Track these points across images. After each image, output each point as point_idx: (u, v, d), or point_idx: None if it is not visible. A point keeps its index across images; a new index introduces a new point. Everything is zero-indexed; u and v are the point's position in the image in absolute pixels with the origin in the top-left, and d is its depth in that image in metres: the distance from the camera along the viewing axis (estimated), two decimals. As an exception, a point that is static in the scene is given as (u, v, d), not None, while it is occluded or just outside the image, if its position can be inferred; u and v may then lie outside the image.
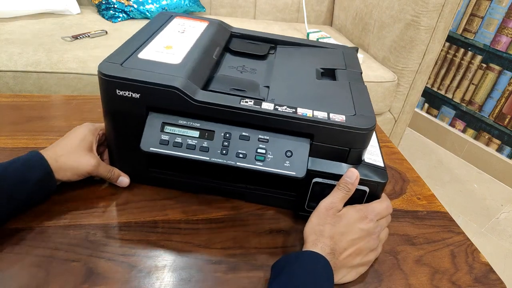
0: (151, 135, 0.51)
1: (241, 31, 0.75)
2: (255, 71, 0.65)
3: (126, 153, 0.57)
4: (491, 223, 1.60)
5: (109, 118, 0.54)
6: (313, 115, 0.50)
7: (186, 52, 0.57)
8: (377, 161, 0.55)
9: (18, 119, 0.71)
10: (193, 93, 0.50)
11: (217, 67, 0.64)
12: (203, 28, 0.68)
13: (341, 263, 0.47)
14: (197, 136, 0.51)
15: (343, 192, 0.50)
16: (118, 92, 0.50)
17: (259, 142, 0.51)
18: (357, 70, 0.65)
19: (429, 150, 2.01)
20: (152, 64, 0.53)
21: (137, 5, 1.48)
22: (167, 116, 0.52)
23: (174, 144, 0.51)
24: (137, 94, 0.50)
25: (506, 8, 1.67)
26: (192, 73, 0.52)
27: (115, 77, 0.49)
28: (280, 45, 0.74)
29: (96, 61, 1.13)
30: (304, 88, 0.59)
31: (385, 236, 0.53)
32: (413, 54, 1.37)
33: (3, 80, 1.07)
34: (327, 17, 1.83)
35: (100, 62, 0.51)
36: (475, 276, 0.54)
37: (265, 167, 0.51)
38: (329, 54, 0.71)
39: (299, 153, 0.51)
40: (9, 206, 0.49)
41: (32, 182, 0.50)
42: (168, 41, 0.60)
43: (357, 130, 0.50)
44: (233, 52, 0.70)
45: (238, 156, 0.51)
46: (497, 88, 1.77)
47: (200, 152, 0.51)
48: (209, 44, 0.62)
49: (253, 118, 0.50)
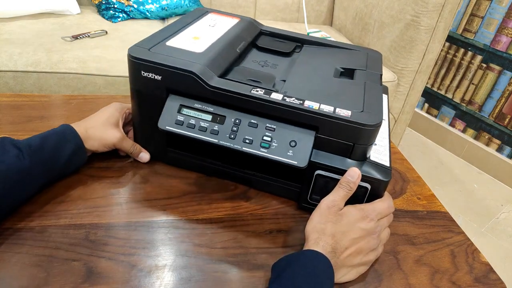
0: (168, 115, 0.56)
1: (270, 29, 0.78)
2: (276, 66, 0.67)
3: (147, 130, 0.62)
4: (491, 223, 1.60)
5: (134, 97, 0.60)
6: (319, 108, 0.52)
7: (210, 43, 0.62)
8: (383, 160, 0.56)
9: (19, 119, 0.71)
10: (208, 79, 0.54)
11: (241, 60, 0.67)
12: (233, 23, 0.71)
13: (342, 262, 0.47)
14: (209, 119, 0.55)
15: (345, 190, 0.50)
16: (143, 73, 0.55)
17: (266, 130, 0.54)
18: (377, 72, 0.65)
19: (429, 150, 2.01)
20: (176, 51, 0.57)
21: (137, 5, 1.48)
22: (184, 99, 0.56)
23: (187, 125, 0.55)
24: (159, 76, 0.55)
25: (506, 8, 1.67)
26: (211, 62, 0.57)
27: (141, 60, 0.54)
28: (307, 44, 0.75)
29: (96, 61, 1.13)
30: (318, 84, 0.60)
31: (386, 236, 0.53)
32: (413, 54, 1.37)
33: (3, 80, 1.07)
34: (327, 17, 1.83)
35: (129, 47, 0.58)
36: (475, 276, 0.54)
37: (269, 154, 0.53)
38: (353, 55, 0.72)
39: (303, 144, 0.53)
40: (46, 175, 0.54)
41: (67, 153, 0.55)
42: (197, 32, 0.65)
43: (361, 126, 0.50)
44: (259, 48, 0.73)
45: (245, 141, 0.54)
46: (497, 88, 1.77)
47: (210, 134, 0.54)
48: (235, 38, 0.66)
49: (262, 106, 0.53)
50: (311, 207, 0.57)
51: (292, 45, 0.74)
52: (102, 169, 0.63)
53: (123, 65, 1.14)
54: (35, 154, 0.52)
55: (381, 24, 1.44)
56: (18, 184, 0.50)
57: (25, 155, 0.51)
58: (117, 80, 1.13)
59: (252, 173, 0.61)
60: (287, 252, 0.53)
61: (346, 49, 0.74)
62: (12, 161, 0.49)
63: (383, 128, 0.63)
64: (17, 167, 0.50)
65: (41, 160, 0.53)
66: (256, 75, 0.60)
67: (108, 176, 0.62)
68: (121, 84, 1.14)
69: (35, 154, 0.52)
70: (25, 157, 0.51)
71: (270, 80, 0.59)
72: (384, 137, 0.61)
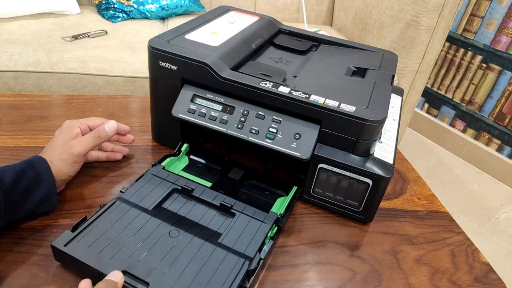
0: (182, 104, 0.59)
1: (289, 28, 0.79)
2: (290, 63, 0.69)
3: (162, 117, 0.65)
4: (491, 223, 1.60)
5: (152, 85, 0.63)
6: (324, 102, 0.53)
7: (227, 38, 0.64)
8: (387, 158, 0.56)
9: (19, 119, 0.71)
10: (220, 70, 0.56)
11: (257, 55, 0.69)
12: (252, 21, 0.74)
13: None
14: (219, 109, 0.58)
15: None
16: (160, 63, 0.59)
17: (272, 122, 0.56)
18: (389, 72, 0.66)
19: (429, 150, 2.01)
20: (193, 44, 0.61)
21: (137, 5, 1.48)
22: (198, 89, 0.59)
23: (199, 114, 0.58)
24: (175, 67, 0.58)
25: (506, 8, 1.67)
26: (225, 55, 0.59)
27: (159, 50, 0.58)
28: (324, 44, 0.76)
29: (96, 61, 1.13)
30: (328, 81, 0.61)
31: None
32: (413, 54, 1.37)
33: (3, 80, 1.07)
34: (327, 17, 1.83)
35: (150, 38, 0.61)
36: (475, 276, 0.54)
37: (273, 145, 0.55)
38: (367, 55, 0.72)
39: (307, 137, 0.54)
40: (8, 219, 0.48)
41: (37, 199, 0.50)
42: (216, 28, 0.68)
43: (364, 121, 0.51)
44: (276, 45, 0.75)
45: (251, 131, 0.56)
46: (497, 88, 1.77)
47: (219, 123, 0.57)
48: (252, 35, 0.68)
49: (269, 99, 0.55)
50: (313, 200, 0.60)
51: (309, 44, 0.75)
52: (102, 169, 0.63)
53: (123, 65, 1.14)
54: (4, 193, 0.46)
55: (381, 24, 1.44)
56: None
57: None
58: (117, 80, 1.13)
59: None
60: (286, 252, 0.53)
61: (363, 50, 0.74)
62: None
63: (392, 128, 0.63)
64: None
65: (9, 201, 0.47)
66: (268, 70, 0.61)
67: (108, 176, 0.62)
68: (121, 84, 1.14)
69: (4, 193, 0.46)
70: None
71: (281, 75, 0.60)
72: (392, 137, 0.62)
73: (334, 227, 0.59)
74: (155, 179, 0.56)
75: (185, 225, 0.50)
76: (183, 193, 0.56)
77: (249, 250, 0.48)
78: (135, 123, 0.75)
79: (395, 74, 0.67)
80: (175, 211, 0.52)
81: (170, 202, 0.54)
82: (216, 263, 0.45)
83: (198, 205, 0.54)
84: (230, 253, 0.47)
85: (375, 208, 0.58)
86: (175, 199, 0.55)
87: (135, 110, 0.79)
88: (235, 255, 0.47)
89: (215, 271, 0.44)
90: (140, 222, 0.49)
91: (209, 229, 0.51)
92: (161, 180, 0.57)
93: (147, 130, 0.72)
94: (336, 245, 0.56)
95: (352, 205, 0.58)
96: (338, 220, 0.60)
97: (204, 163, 0.66)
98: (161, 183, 0.56)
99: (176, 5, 1.54)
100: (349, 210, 0.58)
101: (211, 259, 0.46)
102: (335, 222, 0.59)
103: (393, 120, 0.65)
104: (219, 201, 0.54)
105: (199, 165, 0.65)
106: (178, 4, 1.54)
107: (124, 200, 0.52)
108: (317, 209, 0.61)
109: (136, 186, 0.55)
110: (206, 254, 0.46)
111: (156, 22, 1.52)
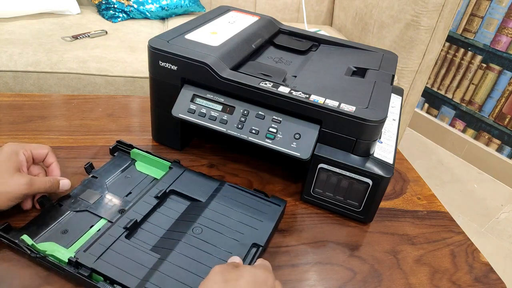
0: (182, 104, 0.59)
1: (289, 28, 0.79)
2: (290, 63, 0.69)
3: (162, 117, 0.66)
4: (491, 223, 1.60)
5: (152, 85, 0.63)
6: (324, 102, 0.53)
7: (227, 38, 0.64)
8: (387, 158, 0.56)
9: (19, 119, 0.71)
10: (220, 70, 0.56)
11: (257, 55, 0.69)
12: (252, 21, 0.74)
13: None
14: (219, 109, 0.58)
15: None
16: (160, 63, 0.59)
17: (272, 122, 0.56)
18: (389, 72, 0.66)
19: (429, 150, 2.01)
20: (193, 44, 0.61)
21: (137, 5, 1.48)
22: (198, 89, 0.59)
23: (199, 114, 0.58)
24: (175, 67, 0.58)
25: (506, 8, 1.67)
26: (225, 55, 0.59)
27: (159, 50, 0.58)
28: (324, 44, 0.76)
29: (96, 61, 1.13)
30: (328, 81, 0.61)
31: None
32: (413, 54, 1.37)
33: (3, 80, 1.07)
34: (327, 17, 1.83)
35: (150, 38, 0.61)
36: (475, 276, 0.54)
37: (273, 145, 0.55)
38: (368, 55, 0.72)
39: (307, 137, 0.54)
40: None
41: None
42: (216, 28, 0.68)
43: (364, 121, 0.51)
44: (276, 45, 0.75)
45: (251, 131, 0.56)
46: (497, 88, 1.77)
47: (219, 123, 0.57)
48: (251, 35, 0.68)
49: (269, 99, 0.55)
50: (314, 200, 0.60)
51: (309, 44, 0.75)
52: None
53: (123, 65, 1.14)
54: None
55: (381, 24, 1.44)
56: None
57: None
58: (117, 80, 1.13)
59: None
60: (286, 252, 0.53)
61: (363, 50, 0.74)
62: None
63: (392, 128, 0.63)
64: None
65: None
66: (268, 70, 0.61)
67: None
68: (121, 84, 1.14)
69: None
70: None
71: (281, 75, 0.60)
72: (392, 137, 0.62)
73: (334, 227, 0.59)
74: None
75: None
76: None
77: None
78: (135, 123, 0.75)
79: (395, 74, 0.67)
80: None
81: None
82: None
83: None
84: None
85: (375, 208, 0.58)
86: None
87: (135, 110, 0.79)
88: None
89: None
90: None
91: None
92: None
93: (147, 130, 0.73)
94: (336, 245, 0.56)
95: (352, 205, 0.58)
96: (338, 220, 0.60)
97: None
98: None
99: (176, 5, 1.54)
100: (349, 210, 0.58)
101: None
102: (335, 222, 0.59)
103: (393, 120, 0.65)
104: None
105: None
106: (178, 4, 1.54)
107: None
108: (317, 209, 0.61)
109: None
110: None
111: (156, 22, 1.52)
